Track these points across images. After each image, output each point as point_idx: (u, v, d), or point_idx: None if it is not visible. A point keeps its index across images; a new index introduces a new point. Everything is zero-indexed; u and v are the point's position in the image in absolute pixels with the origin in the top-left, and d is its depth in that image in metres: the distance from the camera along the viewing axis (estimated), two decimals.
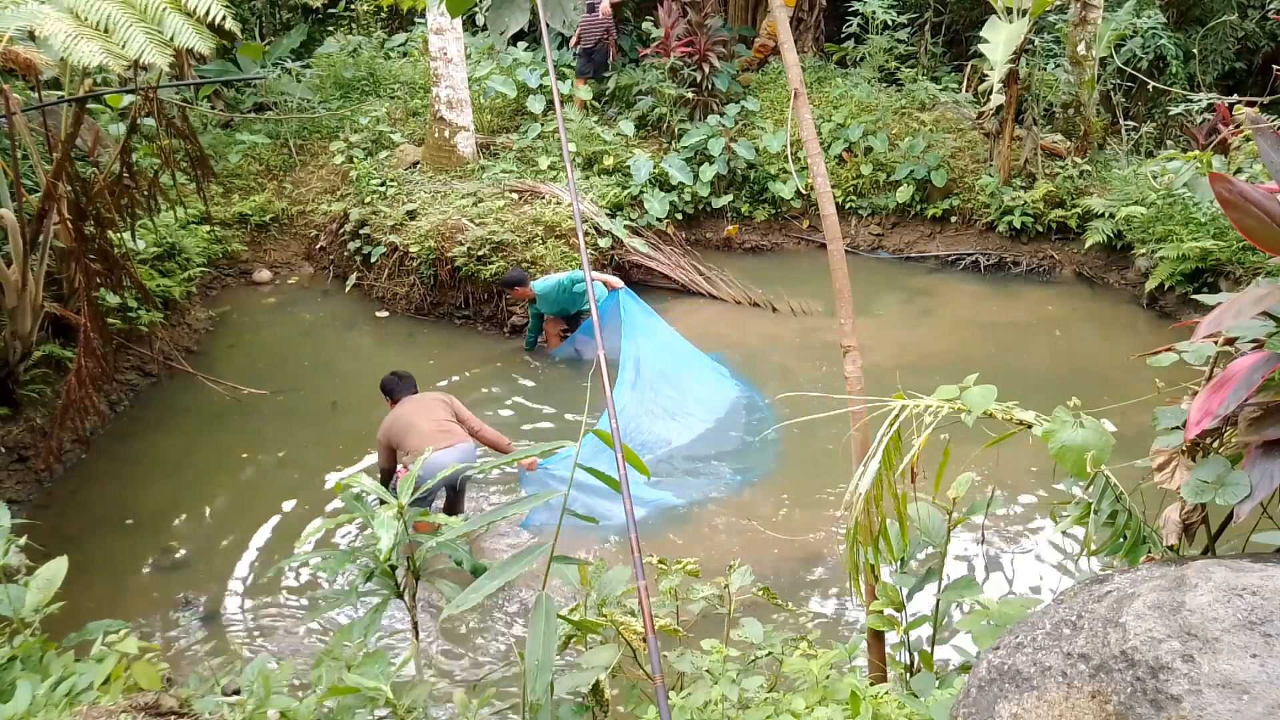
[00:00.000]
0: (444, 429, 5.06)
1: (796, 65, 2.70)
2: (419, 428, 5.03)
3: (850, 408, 2.69)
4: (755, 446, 6.28)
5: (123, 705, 2.39)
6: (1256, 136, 2.11)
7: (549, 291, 7.21)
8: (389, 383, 5.47)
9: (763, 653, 2.90)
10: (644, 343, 6.70)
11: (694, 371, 6.93)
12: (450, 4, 2.72)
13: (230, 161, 9.86)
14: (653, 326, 6.91)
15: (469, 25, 11.64)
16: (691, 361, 6.99)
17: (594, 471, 2.47)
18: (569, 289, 7.16)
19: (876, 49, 11.10)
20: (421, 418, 5.10)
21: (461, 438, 5.06)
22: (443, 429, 5.06)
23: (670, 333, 7.03)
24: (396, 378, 5.49)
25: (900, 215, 10.25)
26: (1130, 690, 1.61)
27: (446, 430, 5.06)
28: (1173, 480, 2.22)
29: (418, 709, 2.49)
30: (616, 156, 9.94)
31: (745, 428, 6.55)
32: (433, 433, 4.99)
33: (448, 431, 5.05)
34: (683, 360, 6.91)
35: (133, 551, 5.27)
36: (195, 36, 4.58)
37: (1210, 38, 10.99)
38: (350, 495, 3.31)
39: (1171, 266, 8.11)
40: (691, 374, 6.88)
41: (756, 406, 6.79)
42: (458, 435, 5.07)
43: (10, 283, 5.71)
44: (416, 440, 4.95)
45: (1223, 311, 1.93)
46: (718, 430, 6.42)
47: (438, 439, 4.92)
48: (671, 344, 6.94)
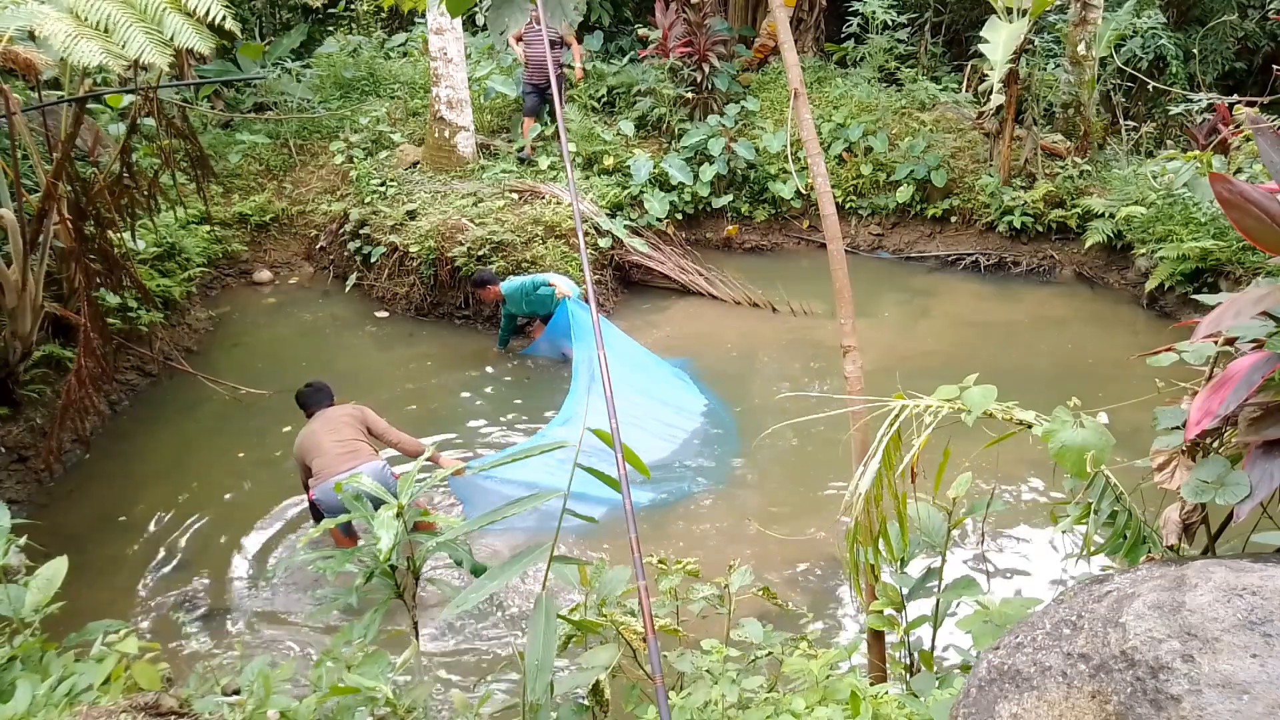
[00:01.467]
0: (349, 450, 4.89)
1: (796, 65, 2.71)
2: (323, 449, 4.88)
3: (850, 408, 2.69)
4: (718, 456, 6.20)
5: (123, 705, 2.39)
6: (1256, 136, 2.11)
7: (514, 293, 7.21)
8: (301, 395, 5.32)
9: (763, 653, 2.89)
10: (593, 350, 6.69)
11: (655, 379, 6.85)
12: (450, 4, 2.73)
13: (230, 161, 9.86)
14: (609, 335, 6.88)
15: (469, 25, 11.65)
16: (651, 369, 6.91)
17: (594, 471, 2.47)
18: (531, 293, 7.12)
19: (876, 49, 11.10)
20: (327, 437, 4.94)
21: (367, 457, 4.88)
22: (348, 450, 4.89)
23: (628, 342, 6.99)
24: (310, 389, 5.33)
25: (900, 215, 10.26)
26: (1130, 690, 1.61)
27: (352, 451, 4.89)
28: (1173, 480, 2.22)
29: (418, 709, 2.49)
30: (616, 156, 9.95)
31: (707, 439, 6.41)
32: (336, 455, 4.84)
33: (353, 453, 4.88)
34: (643, 368, 6.82)
35: (133, 551, 5.27)
36: (195, 36, 4.58)
37: (1210, 38, 10.99)
38: (350, 495, 3.31)
39: (1171, 266, 8.11)
40: (654, 382, 6.80)
41: (720, 418, 6.66)
42: (363, 456, 4.88)
43: (10, 283, 5.71)
44: (320, 463, 4.83)
45: (1223, 311, 1.93)
46: (689, 438, 6.36)
47: (339, 463, 4.78)
48: (630, 353, 6.87)
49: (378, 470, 4.80)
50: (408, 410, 6.76)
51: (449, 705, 3.63)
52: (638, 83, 10.92)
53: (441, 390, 7.23)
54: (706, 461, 6.15)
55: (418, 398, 7.06)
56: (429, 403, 7.02)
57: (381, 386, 7.21)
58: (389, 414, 6.66)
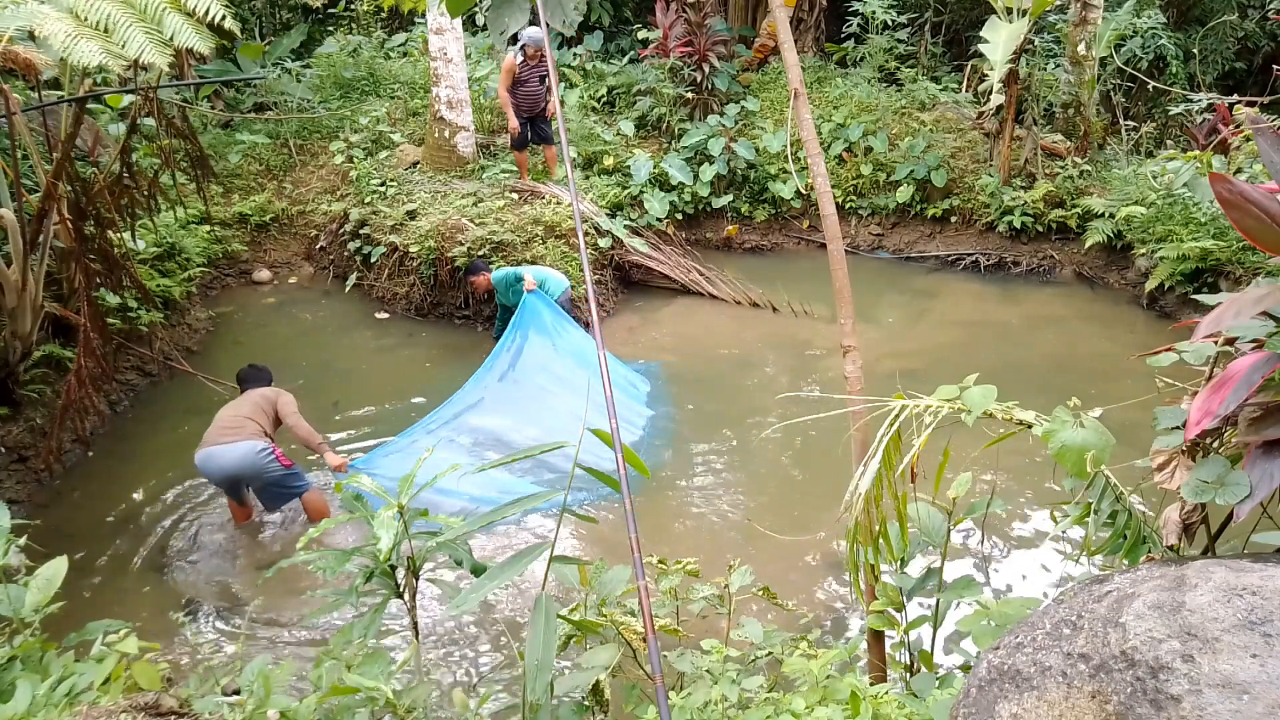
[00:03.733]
0: (234, 425, 5.12)
1: (796, 65, 2.71)
2: (218, 421, 5.17)
3: (850, 408, 2.69)
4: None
5: (123, 705, 2.39)
6: (1256, 136, 2.11)
7: (500, 283, 7.23)
8: (241, 373, 5.69)
9: (763, 653, 2.89)
10: (537, 340, 6.67)
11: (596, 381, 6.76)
12: (450, 4, 2.72)
13: (230, 161, 9.86)
14: (562, 327, 6.86)
15: (469, 25, 11.65)
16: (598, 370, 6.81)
17: (594, 472, 2.47)
18: (514, 284, 7.09)
19: (876, 49, 11.10)
20: (227, 411, 5.24)
21: (246, 436, 5.07)
22: (233, 425, 5.12)
23: (583, 338, 6.92)
24: (251, 369, 5.71)
25: (900, 215, 10.26)
26: (1130, 690, 1.61)
27: (235, 428, 5.11)
28: (1173, 480, 2.21)
29: (418, 709, 2.49)
30: (616, 156, 9.95)
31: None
32: (220, 429, 5.11)
33: (235, 429, 5.10)
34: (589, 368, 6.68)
35: (133, 551, 5.26)
36: (195, 36, 4.58)
37: (1210, 38, 10.99)
38: (350, 495, 3.31)
39: (1171, 266, 8.11)
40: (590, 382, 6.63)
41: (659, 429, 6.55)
42: (244, 433, 5.08)
43: (10, 283, 5.71)
44: (207, 433, 5.12)
45: (1223, 311, 1.93)
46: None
47: (218, 435, 5.07)
48: (581, 350, 6.79)
49: (249, 449, 5.03)
50: (408, 410, 6.75)
51: (449, 705, 3.63)
52: (638, 83, 10.92)
53: (441, 390, 7.21)
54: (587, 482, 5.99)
55: (418, 397, 7.05)
56: (430, 402, 7.01)
57: (381, 386, 7.21)
58: (390, 413, 6.70)
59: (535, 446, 3.22)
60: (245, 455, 5.01)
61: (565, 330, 6.91)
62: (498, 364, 6.50)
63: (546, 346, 6.72)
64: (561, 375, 6.59)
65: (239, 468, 5.04)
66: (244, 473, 5.09)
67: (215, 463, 5.03)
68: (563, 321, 6.94)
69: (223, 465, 5.03)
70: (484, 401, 6.30)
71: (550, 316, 6.88)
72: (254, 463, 5.02)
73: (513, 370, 6.54)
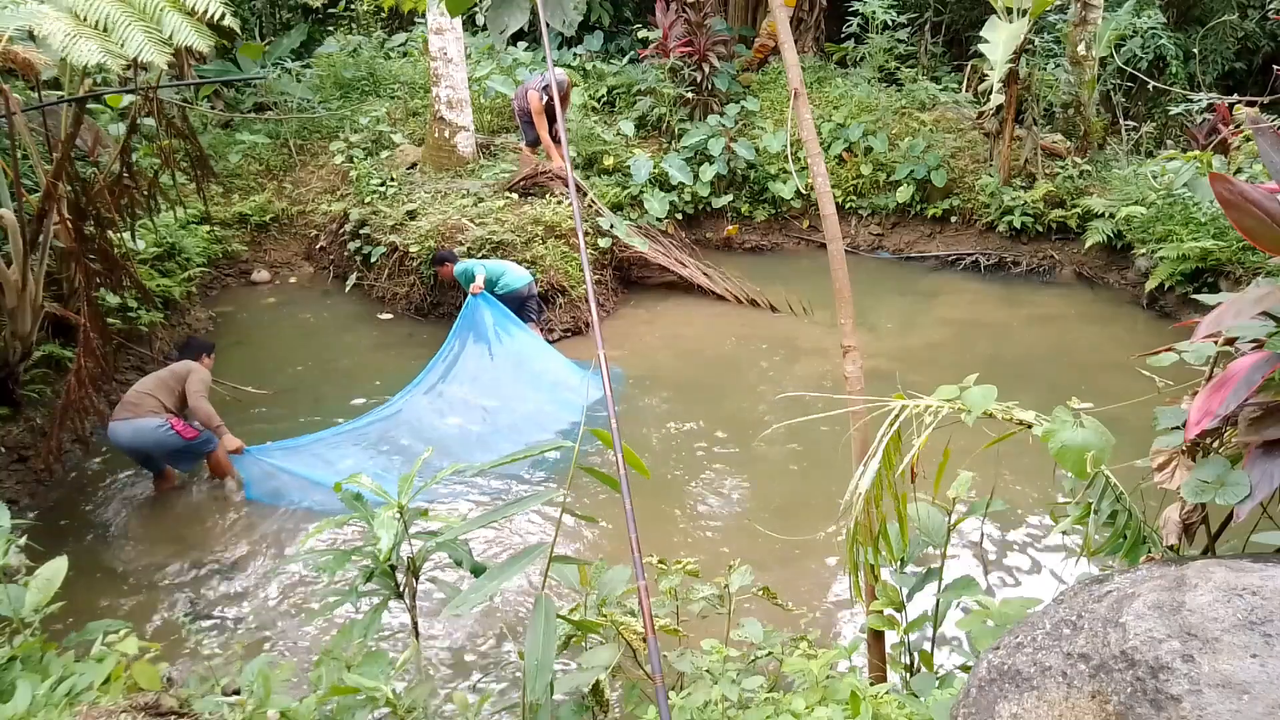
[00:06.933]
0: (134, 401, 5.35)
1: (796, 65, 2.70)
2: (124, 397, 5.44)
3: (850, 408, 2.69)
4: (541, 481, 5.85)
5: (123, 705, 2.39)
6: (1256, 136, 2.11)
7: (460, 277, 7.27)
8: (178, 343, 6.00)
9: (763, 653, 2.89)
10: (474, 350, 6.65)
11: (535, 388, 6.62)
12: (450, 4, 2.72)
13: (230, 161, 9.86)
14: (506, 330, 6.81)
15: (469, 25, 11.65)
16: (536, 378, 6.68)
17: (594, 472, 2.47)
18: (472, 279, 7.06)
19: (876, 49, 11.11)
20: (135, 386, 5.49)
21: (146, 412, 5.31)
22: (134, 401, 5.35)
23: (528, 342, 6.86)
24: (190, 341, 6.07)
25: (900, 215, 10.26)
26: (1130, 690, 1.61)
27: (134, 404, 5.34)
28: (1173, 480, 2.21)
29: (418, 709, 2.49)
30: (616, 156, 9.95)
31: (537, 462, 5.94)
32: (124, 402, 5.38)
33: (135, 405, 5.34)
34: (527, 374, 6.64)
35: (133, 551, 5.26)
36: (194, 35, 4.57)
37: (1210, 38, 10.99)
38: (349, 495, 3.30)
39: (1171, 266, 8.11)
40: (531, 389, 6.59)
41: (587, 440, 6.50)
42: (143, 409, 5.31)
43: (10, 283, 5.71)
44: (116, 408, 5.43)
45: (1223, 311, 1.93)
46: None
47: (121, 409, 5.35)
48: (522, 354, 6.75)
49: (143, 426, 5.29)
50: None
51: (449, 705, 3.63)
52: (638, 83, 10.92)
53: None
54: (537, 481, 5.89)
55: None
56: None
57: (381, 386, 7.20)
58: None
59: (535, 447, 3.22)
60: (139, 431, 5.27)
61: (508, 334, 6.84)
62: (429, 378, 6.51)
63: (483, 355, 6.70)
64: (488, 387, 6.54)
65: (135, 443, 5.32)
66: (143, 447, 5.35)
67: (115, 438, 5.33)
68: (507, 323, 6.87)
69: (119, 441, 5.33)
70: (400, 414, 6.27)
71: (493, 319, 6.82)
72: (152, 437, 5.30)
73: (443, 383, 6.53)
